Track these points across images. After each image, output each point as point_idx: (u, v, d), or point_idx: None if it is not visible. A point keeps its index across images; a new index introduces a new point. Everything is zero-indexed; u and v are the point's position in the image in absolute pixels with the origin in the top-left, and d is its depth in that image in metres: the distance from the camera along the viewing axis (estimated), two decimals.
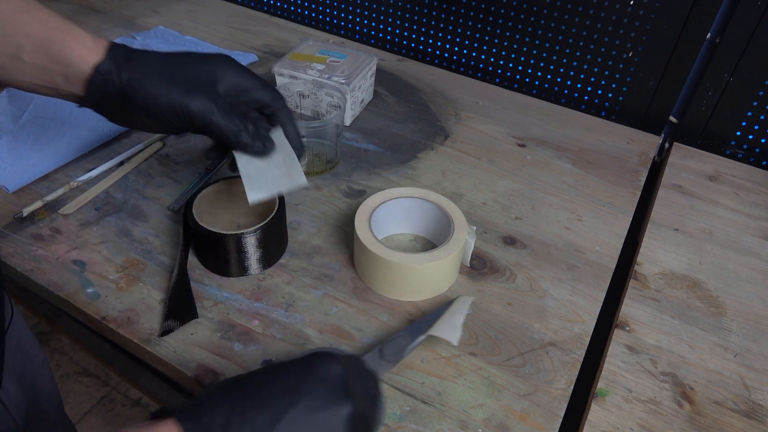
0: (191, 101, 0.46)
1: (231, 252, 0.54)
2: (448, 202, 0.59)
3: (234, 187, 0.59)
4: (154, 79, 0.46)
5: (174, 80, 0.47)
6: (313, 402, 0.36)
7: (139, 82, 0.46)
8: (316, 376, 0.37)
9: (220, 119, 0.47)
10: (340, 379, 0.37)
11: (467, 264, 0.59)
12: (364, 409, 0.38)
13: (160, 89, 0.46)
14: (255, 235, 0.54)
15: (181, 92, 0.46)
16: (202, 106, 0.46)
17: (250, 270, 0.57)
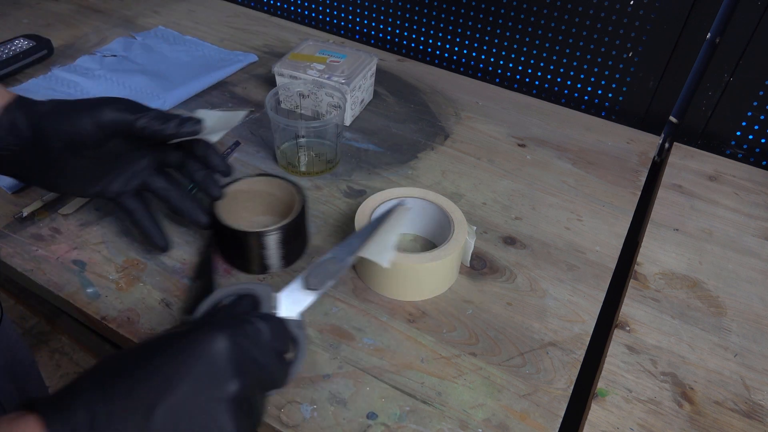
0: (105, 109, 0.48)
1: (253, 249, 0.55)
2: (448, 202, 0.59)
3: (254, 186, 0.60)
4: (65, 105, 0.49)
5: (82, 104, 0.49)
6: (191, 387, 0.32)
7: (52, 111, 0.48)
8: (195, 355, 0.33)
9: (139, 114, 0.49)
10: (225, 356, 0.33)
11: (467, 264, 0.59)
12: (258, 382, 0.35)
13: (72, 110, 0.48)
14: (277, 233, 0.54)
15: (93, 106, 0.49)
16: (118, 107, 0.49)
17: (271, 268, 0.57)
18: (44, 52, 0.86)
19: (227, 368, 0.33)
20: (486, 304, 0.56)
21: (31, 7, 1.02)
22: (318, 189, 0.68)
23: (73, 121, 0.48)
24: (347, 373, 0.49)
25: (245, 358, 0.34)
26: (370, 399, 0.47)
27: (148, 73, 0.84)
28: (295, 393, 0.47)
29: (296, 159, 0.69)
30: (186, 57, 0.90)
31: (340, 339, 0.52)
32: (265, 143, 0.74)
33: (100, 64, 0.86)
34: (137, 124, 0.49)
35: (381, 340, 0.52)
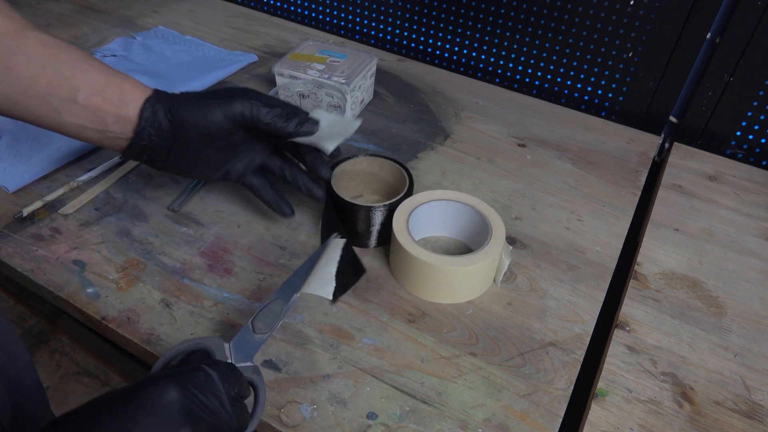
0: (235, 104, 0.53)
1: (360, 222, 0.59)
2: (488, 208, 0.59)
3: (356, 167, 0.64)
4: (198, 99, 0.54)
5: (214, 97, 0.54)
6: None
7: (187, 106, 0.53)
8: (145, 408, 0.32)
9: (266, 111, 0.53)
10: (176, 407, 0.33)
11: (498, 283, 0.58)
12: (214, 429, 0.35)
13: (206, 104, 0.53)
14: (383, 210, 0.58)
15: (225, 101, 0.53)
16: (247, 104, 0.53)
17: (370, 244, 0.61)
18: None
19: (178, 418, 0.33)
20: (486, 304, 0.56)
21: (31, 7, 1.02)
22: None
23: (207, 114, 0.53)
24: (347, 373, 0.49)
25: (197, 406, 0.34)
26: (370, 399, 0.47)
27: (148, 73, 0.84)
28: (295, 393, 0.47)
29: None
30: (186, 57, 0.90)
31: (340, 339, 0.52)
32: None
33: None
34: (263, 119, 0.54)
35: (381, 340, 0.52)
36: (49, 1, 1.05)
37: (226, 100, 0.53)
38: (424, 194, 0.60)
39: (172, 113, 0.52)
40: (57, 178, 0.66)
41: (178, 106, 0.53)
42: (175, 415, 0.33)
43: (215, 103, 0.53)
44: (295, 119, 0.55)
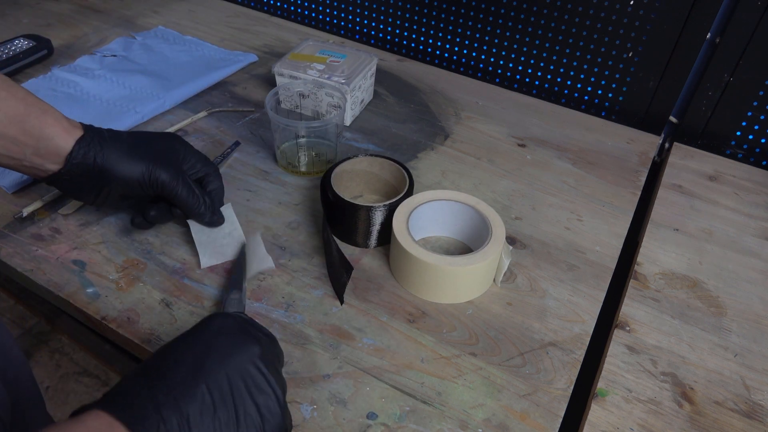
0: (162, 173, 0.54)
1: (360, 222, 0.59)
2: (488, 208, 0.59)
3: (356, 167, 0.64)
4: (130, 154, 0.54)
5: (146, 155, 0.55)
6: (223, 351, 0.37)
7: (118, 157, 0.53)
8: (215, 331, 0.39)
9: (185, 190, 0.56)
10: (236, 328, 0.40)
11: (498, 284, 0.58)
12: (268, 346, 0.40)
13: (137, 163, 0.54)
14: (383, 210, 0.58)
15: (155, 166, 0.54)
16: (172, 178, 0.55)
17: (370, 243, 0.61)
18: (44, 52, 0.86)
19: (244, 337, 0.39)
20: (486, 304, 0.56)
21: (31, 7, 1.02)
22: (318, 189, 0.68)
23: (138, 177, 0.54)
24: (347, 373, 0.49)
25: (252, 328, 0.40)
26: (370, 399, 0.47)
27: (148, 73, 0.84)
28: (295, 393, 0.47)
29: (296, 159, 0.69)
30: (186, 57, 0.90)
31: (340, 339, 0.52)
32: (265, 143, 0.74)
33: (100, 64, 0.86)
34: (180, 198, 0.56)
35: (381, 340, 0.52)
36: (49, 1, 1.05)
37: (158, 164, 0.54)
38: (424, 194, 0.60)
39: (104, 163, 0.53)
40: None
41: (112, 154, 0.53)
42: (240, 334, 0.39)
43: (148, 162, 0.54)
44: (208, 214, 0.58)
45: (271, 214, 0.64)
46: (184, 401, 0.34)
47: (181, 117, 0.78)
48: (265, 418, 0.36)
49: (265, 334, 0.41)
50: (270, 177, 0.69)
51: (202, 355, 0.37)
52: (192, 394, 0.35)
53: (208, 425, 0.34)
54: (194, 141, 0.74)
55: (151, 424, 0.33)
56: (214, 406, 0.35)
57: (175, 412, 0.34)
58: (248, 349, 0.38)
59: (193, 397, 0.35)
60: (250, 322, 0.41)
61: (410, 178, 0.61)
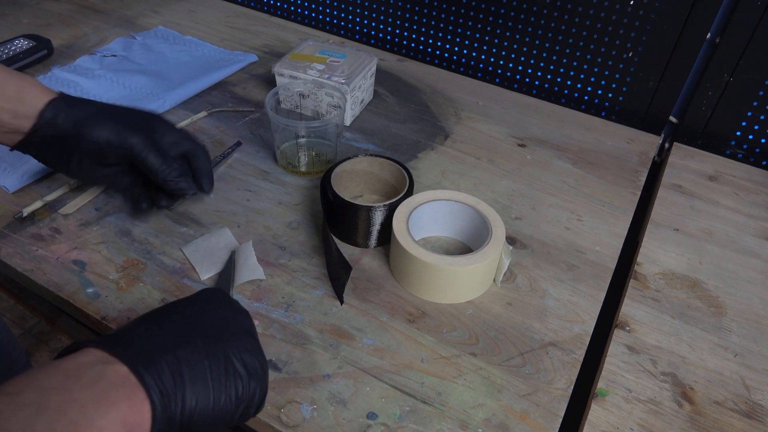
0: (132, 137, 0.53)
1: (360, 222, 0.59)
2: (488, 208, 0.59)
3: (356, 167, 0.64)
4: (101, 116, 0.54)
5: (118, 119, 0.54)
6: (218, 314, 0.40)
7: (88, 118, 0.53)
8: (210, 298, 0.42)
9: (154, 156, 0.54)
10: (230, 300, 0.43)
11: (498, 284, 0.58)
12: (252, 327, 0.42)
13: (106, 124, 0.53)
14: (383, 210, 0.58)
15: (125, 129, 0.53)
16: (142, 142, 0.54)
17: (370, 243, 0.60)
18: (44, 52, 0.86)
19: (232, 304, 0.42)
20: (486, 304, 0.56)
21: (31, 7, 1.02)
22: (318, 189, 0.68)
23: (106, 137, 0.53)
24: (347, 373, 0.49)
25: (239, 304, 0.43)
26: (370, 399, 0.47)
27: (148, 73, 0.84)
28: (295, 393, 0.47)
29: (296, 159, 0.69)
30: (186, 57, 0.90)
31: (340, 339, 0.52)
32: (265, 143, 0.74)
33: (100, 64, 0.86)
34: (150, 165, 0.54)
35: (381, 340, 0.52)
36: (49, 1, 1.04)
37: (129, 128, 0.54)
38: (424, 194, 0.60)
39: (74, 122, 0.53)
40: (57, 178, 0.66)
41: (83, 115, 0.53)
42: (231, 303, 0.42)
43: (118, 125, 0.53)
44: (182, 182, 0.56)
45: (271, 214, 0.64)
46: (179, 346, 0.36)
47: (181, 117, 0.78)
48: (251, 375, 0.38)
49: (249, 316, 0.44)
50: (270, 177, 0.69)
51: (200, 312, 0.40)
52: (188, 341, 0.36)
53: (200, 371, 0.36)
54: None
55: (144, 359, 0.34)
56: (207, 355, 0.37)
57: (169, 353, 0.35)
58: (242, 318, 0.41)
59: (189, 343, 0.36)
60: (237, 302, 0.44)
61: (410, 178, 0.61)
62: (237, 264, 0.56)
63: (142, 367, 0.33)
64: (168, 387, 0.34)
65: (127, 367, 0.33)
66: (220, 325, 0.39)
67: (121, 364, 0.33)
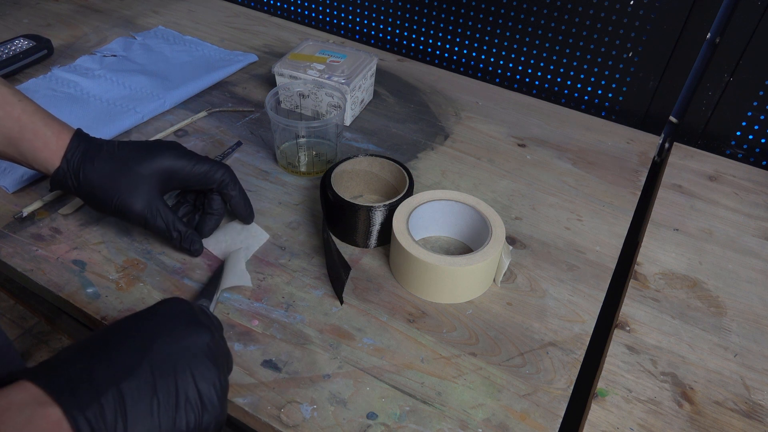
0: (134, 204, 0.53)
1: (360, 222, 0.59)
2: (488, 208, 0.59)
3: (356, 167, 0.64)
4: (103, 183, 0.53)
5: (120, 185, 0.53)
6: (173, 334, 0.37)
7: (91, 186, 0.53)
8: (168, 313, 0.38)
9: (155, 222, 0.54)
10: (191, 314, 0.39)
11: (498, 284, 0.58)
12: (219, 341, 0.39)
13: (108, 193, 0.53)
14: (383, 210, 0.58)
15: (126, 196, 0.53)
16: (142, 210, 0.54)
17: (370, 243, 0.60)
18: (44, 52, 0.86)
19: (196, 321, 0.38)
20: (486, 304, 0.56)
21: (31, 7, 1.02)
22: (318, 189, 0.68)
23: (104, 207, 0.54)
24: (347, 373, 0.49)
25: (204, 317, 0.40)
26: (370, 399, 0.47)
27: (148, 73, 0.84)
28: (295, 393, 0.47)
29: (296, 159, 0.69)
30: (186, 57, 0.90)
31: (340, 339, 0.52)
32: (265, 143, 0.74)
33: (100, 64, 0.86)
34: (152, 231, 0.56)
35: (381, 340, 0.52)
36: (49, 1, 1.04)
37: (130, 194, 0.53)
38: (424, 194, 0.60)
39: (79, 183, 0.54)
40: None
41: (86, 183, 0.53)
42: (193, 320, 0.39)
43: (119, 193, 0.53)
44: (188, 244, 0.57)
45: (271, 214, 0.64)
46: (124, 378, 0.33)
47: (181, 117, 0.78)
48: (205, 406, 0.35)
49: (216, 327, 0.41)
50: (270, 177, 0.69)
51: (150, 336, 0.36)
52: (133, 372, 0.33)
53: (145, 405, 0.33)
54: (194, 141, 0.74)
55: (82, 399, 0.31)
56: (155, 387, 0.34)
57: (111, 388, 0.32)
58: (199, 336, 0.37)
59: (134, 375, 0.33)
60: (203, 312, 0.41)
61: (410, 178, 0.61)
62: (225, 269, 0.56)
63: (77, 409, 0.31)
64: (108, 427, 0.31)
65: (62, 409, 0.30)
66: (175, 348, 0.36)
67: (55, 407, 0.30)
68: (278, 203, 0.66)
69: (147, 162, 0.54)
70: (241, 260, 0.57)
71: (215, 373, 0.37)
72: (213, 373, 0.37)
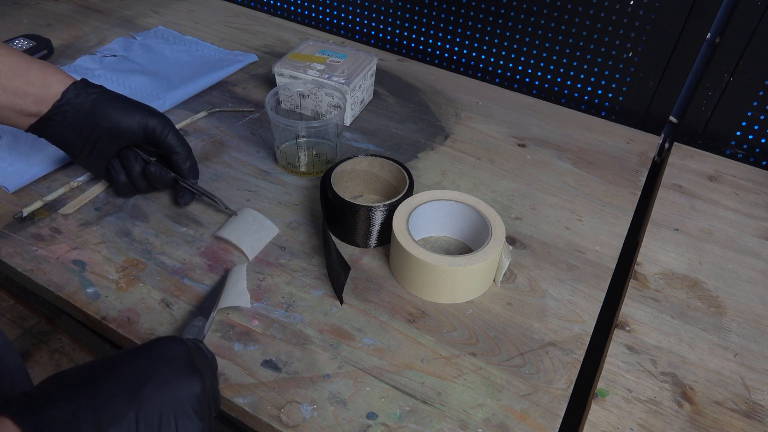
0: (153, 118, 0.59)
1: (360, 222, 0.59)
2: (488, 208, 0.59)
3: (356, 167, 0.64)
4: (121, 100, 0.58)
5: (136, 103, 0.59)
6: (164, 381, 0.36)
7: (110, 100, 0.57)
8: (161, 356, 0.37)
9: (175, 135, 0.60)
10: (185, 358, 0.38)
11: (498, 284, 0.58)
12: (211, 384, 0.39)
13: (128, 106, 0.58)
14: (383, 210, 0.58)
15: (145, 111, 0.59)
16: (162, 122, 0.59)
17: (370, 243, 0.60)
18: (44, 52, 0.86)
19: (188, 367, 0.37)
20: (486, 304, 0.56)
21: (31, 7, 1.02)
22: (318, 189, 0.68)
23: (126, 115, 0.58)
24: (347, 373, 0.49)
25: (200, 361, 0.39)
26: (370, 399, 0.47)
27: (148, 73, 0.84)
28: (295, 393, 0.47)
29: (296, 159, 0.69)
30: (186, 57, 0.90)
31: (340, 339, 0.52)
32: (265, 143, 0.74)
33: (100, 64, 0.86)
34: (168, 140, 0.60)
35: (381, 340, 0.52)
36: (49, 1, 1.04)
37: (145, 112, 0.59)
38: (424, 194, 0.60)
39: (95, 102, 0.56)
40: (57, 178, 0.66)
41: (102, 100, 0.57)
42: (186, 365, 0.37)
43: (135, 110, 0.58)
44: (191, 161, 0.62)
45: (271, 214, 0.64)
46: (108, 427, 0.32)
47: (181, 117, 0.77)
48: None
49: (210, 367, 0.40)
50: (270, 177, 0.69)
51: (140, 380, 0.35)
52: (118, 420, 0.33)
53: None
54: (194, 141, 0.74)
55: None
56: None
57: None
58: (189, 385, 0.36)
59: (119, 423, 0.33)
60: (200, 352, 0.40)
61: (410, 178, 0.61)
62: (226, 286, 0.55)
63: None
64: None
65: None
66: (164, 398, 0.35)
67: None
68: (278, 203, 0.66)
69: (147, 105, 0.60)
70: (242, 278, 0.56)
71: (199, 427, 0.36)
72: (197, 428, 0.36)
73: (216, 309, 0.52)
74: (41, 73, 0.54)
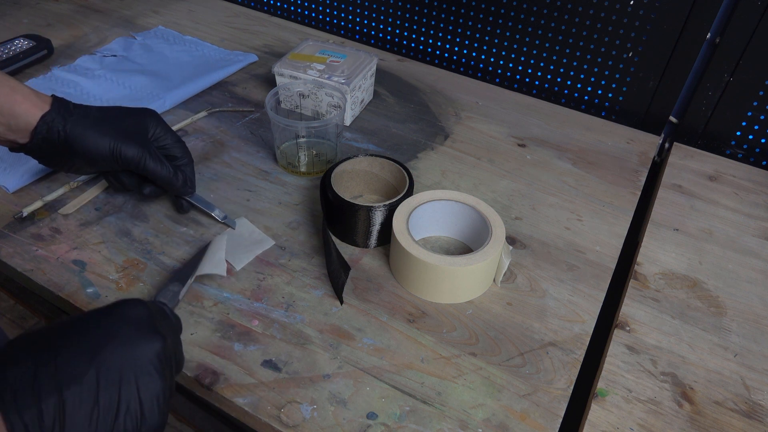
0: (127, 148, 0.55)
1: (360, 222, 0.59)
2: (488, 208, 0.59)
3: (356, 167, 0.64)
4: (94, 129, 0.55)
5: (111, 130, 0.56)
6: (125, 341, 0.36)
7: (82, 133, 0.54)
8: (123, 317, 0.38)
9: (153, 164, 0.57)
10: (146, 319, 0.38)
11: (498, 284, 0.58)
12: (173, 345, 0.39)
13: (100, 138, 0.55)
14: (383, 210, 0.58)
15: (119, 141, 0.55)
16: (137, 153, 0.56)
17: (370, 243, 0.60)
18: (44, 52, 0.86)
19: (150, 329, 0.38)
20: (486, 304, 0.56)
21: (31, 7, 1.02)
22: (318, 189, 0.68)
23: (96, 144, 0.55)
24: (347, 373, 0.49)
25: (162, 323, 0.39)
26: (370, 399, 0.47)
27: (148, 73, 0.84)
28: (295, 393, 0.47)
29: (296, 159, 0.69)
30: (186, 57, 0.90)
31: (340, 339, 0.52)
32: (265, 143, 0.74)
33: (100, 64, 0.86)
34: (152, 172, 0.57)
35: (381, 340, 0.52)
36: (49, 1, 1.05)
37: (123, 139, 0.55)
38: (424, 194, 0.60)
39: (68, 133, 0.54)
40: (57, 178, 0.66)
41: (77, 130, 0.54)
42: (148, 325, 0.38)
43: (112, 138, 0.55)
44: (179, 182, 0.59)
45: (271, 214, 0.64)
46: (68, 385, 0.33)
47: (181, 117, 0.78)
48: (145, 417, 0.36)
49: (173, 330, 0.41)
50: (270, 177, 0.69)
51: (101, 340, 0.36)
52: (78, 380, 0.34)
53: (85, 413, 0.33)
54: (194, 141, 0.74)
55: (22, 403, 0.32)
56: (98, 395, 0.34)
57: (53, 394, 0.33)
58: (149, 345, 0.37)
59: (78, 383, 0.34)
60: (163, 314, 0.41)
61: (410, 178, 0.61)
62: (206, 254, 0.56)
63: (16, 412, 0.31)
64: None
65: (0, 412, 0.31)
66: (124, 357, 0.36)
67: None
68: (278, 203, 0.66)
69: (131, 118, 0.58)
70: (221, 248, 0.57)
71: (160, 385, 0.37)
72: (157, 385, 0.36)
73: (193, 276, 0.53)
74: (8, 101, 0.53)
